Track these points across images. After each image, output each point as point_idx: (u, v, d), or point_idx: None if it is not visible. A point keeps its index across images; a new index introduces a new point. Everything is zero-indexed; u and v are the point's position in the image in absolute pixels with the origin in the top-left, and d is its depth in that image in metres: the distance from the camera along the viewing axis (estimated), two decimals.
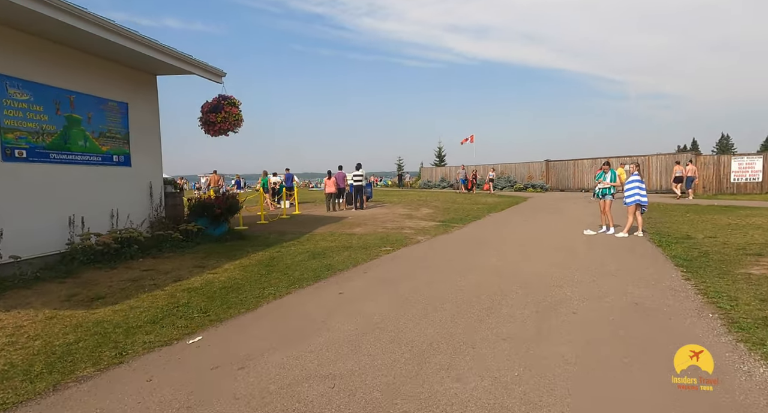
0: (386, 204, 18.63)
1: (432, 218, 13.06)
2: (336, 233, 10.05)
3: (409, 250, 7.92)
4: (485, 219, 12.81)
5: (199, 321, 4.09)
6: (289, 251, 7.80)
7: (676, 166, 18.78)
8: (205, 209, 8.83)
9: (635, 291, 4.80)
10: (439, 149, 50.54)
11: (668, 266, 6.00)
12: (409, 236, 9.52)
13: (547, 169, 28.48)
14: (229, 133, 9.24)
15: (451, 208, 16.29)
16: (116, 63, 7.55)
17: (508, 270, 6.01)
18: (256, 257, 7.22)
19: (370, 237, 9.37)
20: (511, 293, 4.89)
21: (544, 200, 19.75)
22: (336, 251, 7.82)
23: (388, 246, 8.25)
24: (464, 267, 6.27)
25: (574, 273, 5.72)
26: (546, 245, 8.03)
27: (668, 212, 12.75)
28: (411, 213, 14.60)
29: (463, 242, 8.67)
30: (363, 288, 5.28)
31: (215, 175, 18.47)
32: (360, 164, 16.59)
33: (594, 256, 6.86)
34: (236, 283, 5.51)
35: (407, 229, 10.61)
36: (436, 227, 10.86)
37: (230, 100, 8.81)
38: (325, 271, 6.23)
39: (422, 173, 42.98)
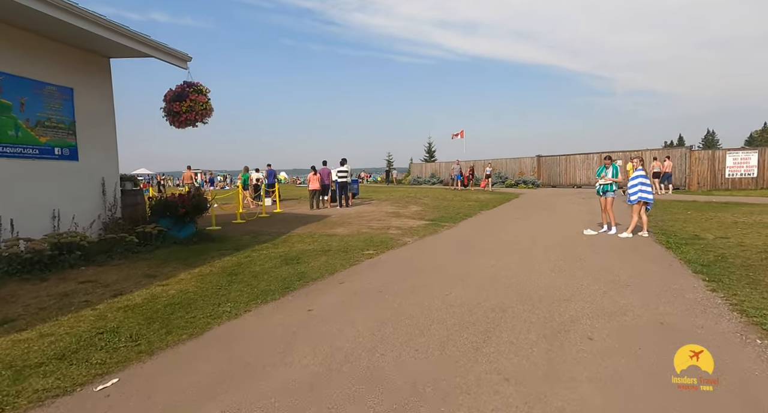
0: (373, 201, 17.82)
1: (420, 216, 12.29)
2: (316, 234, 9.22)
3: (393, 254, 7.13)
4: (477, 217, 12.09)
5: (124, 353, 3.25)
6: (260, 256, 6.95)
7: (654, 162, 18.76)
8: (167, 209, 7.92)
9: (657, 306, 4.07)
10: (429, 145, 49.85)
11: (686, 273, 5.31)
12: (395, 237, 8.73)
13: (539, 164, 27.92)
14: (197, 124, 8.34)
15: (440, 205, 15.54)
16: (58, 42, 6.59)
17: (505, 279, 5.26)
18: (220, 264, 6.37)
19: (352, 239, 8.56)
20: (511, 309, 4.13)
21: (537, 197, 19.13)
22: (313, 255, 7.00)
23: (371, 249, 7.45)
24: (455, 275, 5.50)
25: (580, 282, 4.99)
26: (545, 247, 7.30)
27: (668, 210, 12.17)
28: (399, 211, 13.81)
29: (453, 245, 7.91)
30: (337, 304, 4.47)
31: (189, 171, 17.44)
32: (345, 159, 15.75)
33: (600, 260, 6.14)
34: (187, 298, 4.66)
35: (393, 229, 9.82)
36: (424, 227, 10.09)
37: (196, 88, 7.90)
38: (297, 281, 5.41)
39: (412, 169, 42.23)
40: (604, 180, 8.37)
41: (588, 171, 25.14)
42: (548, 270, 5.63)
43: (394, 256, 6.96)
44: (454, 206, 15.25)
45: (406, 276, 5.55)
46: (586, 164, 25.23)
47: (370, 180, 48.56)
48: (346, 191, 15.73)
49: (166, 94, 7.94)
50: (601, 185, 8.45)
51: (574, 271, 5.54)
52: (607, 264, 5.87)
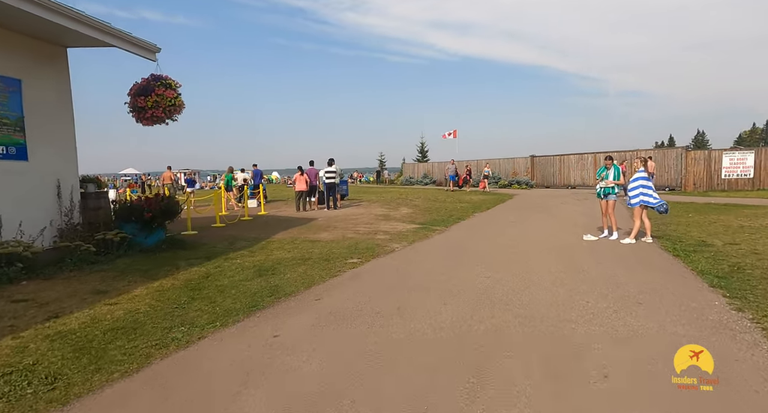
0: (363, 203, 17.22)
1: (411, 219, 11.70)
2: (298, 240, 8.59)
3: (379, 263, 6.53)
4: (470, 220, 11.53)
5: (29, 403, 2.61)
6: (232, 266, 6.31)
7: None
8: (132, 214, 7.24)
9: (677, 330, 3.52)
10: (422, 145, 49.36)
11: (702, 287, 4.77)
12: (383, 243, 8.12)
13: (533, 165, 27.49)
14: (167, 121, 7.67)
15: (432, 207, 14.97)
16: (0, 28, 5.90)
17: (502, 295, 4.68)
18: (185, 276, 5.72)
19: (336, 245, 7.94)
20: (509, 334, 3.55)
21: (531, 198, 18.64)
22: (291, 264, 6.38)
23: (356, 258, 6.84)
24: (446, 290, 4.91)
25: (586, 298, 4.43)
26: (543, 254, 6.75)
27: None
28: (388, 214, 13.22)
29: (445, 252, 7.32)
30: (308, 328, 3.86)
31: (169, 171, 16.67)
32: (333, 159, 15.11)
33: (604, 270, 5.59)
34: (135, 320, 4.02)
35: (381, 234, 9.21)
36: (414, 231, 9.50)
37: (164, 81, 7.23)
38: (267, 297, 4.78)
39: (404, 169, 41.67)
40: (604, 183, 7.83)
41: (582, 172, 24.76)
42: (549, 283, 5.06)
43: (380, 266, 6.36)
44: (447, 208, 14.69)
45: (390, 291, 4.95)
46: (581, 165, 24.84)
47: (363, 180, 47.87)
48: (334, 192, 15.11)
49: (131, 88, 7.27)
50: (601, 188, 7.91)
51: (577, 284, 4.98)
52: (613, 276, 5.31)
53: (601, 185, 7.91)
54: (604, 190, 7.88)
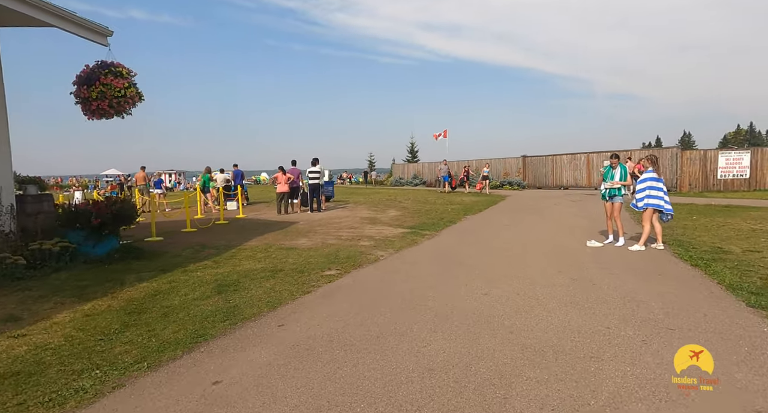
0: (349, 205, 16.38)
1: (399, 223, 10.89)
2: (272, 247, 7.73)
3: (360, 275, 5.71)
4: (462, 224, 10.76)
5: None
6: (190, 280, 5.44)
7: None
8: (78, 220, 6.32)
9: (733, 373, 2.75)
10: (412, 145, 48.70)
11: (738, 306, 4.03)
12: (366, 250, 7.30)
13: (524, 165, 26.92)
14: (123, 115, 6.77)
15: (422, 209, 14.20)
16: None
17: (503, 318, 3.89)
18: (128, 295, 4.83)
19: (314, 253, 7.10)
20: (517, 380, 2.76)
21: (524, 199, 17.99)
22: (258, 278, 5.53)
23: (334, 269, 6.01)
24: (436, 312, 4.11)
25: (606, 323, 3.66)
26: (545, 263, 5.99)
27: None
28: (375, 216, 12.40)
29: (435, 261, 6.53)
30: (261, 369, 3.02)
31: (142, 172, 15.63)
32: (317, 158, 14.25)
33: (619, 285, 4.84)
34: (39, 361, 3.14)
35: (365, 240, 8.39)
36: (402, 237, 8.69)
37: (113, 69, 6.32)
38: (220, 322, 3.94)
39: (394, 169, 40.95)
40: (610, 184, 7.10)
41: (575, 172, 24.24)
42: (557, 302, 4.29)
43: (361, 279, 5.53)
44: (437, 210, 13.93)
45: (370, 313, 4.13)
46: (573, 165, 24.32)
47: (353, 181, 46.96)
48: (318, 193, 14.25)
49: (76, 77, 6.35)
50: (606, 189, 7.19)
51: (591, 304, 4.21)
52: (631, 292, 4.56)
53: (606, 186, 7.19)
54: (610, 191, 7.16)
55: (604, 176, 7.28)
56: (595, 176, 23.11)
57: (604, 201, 7.37)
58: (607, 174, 7.24)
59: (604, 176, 7.30)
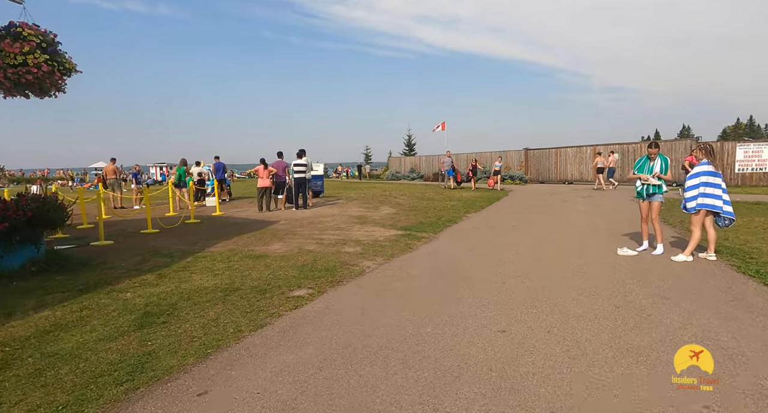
0: (340, 201, 15.06)
1: (392, 222, 9.59)
2: (238, 255, 6.42)
3: (337, 298, 4.41)
4: (463, 224, 9.47)
5: None
6: (111, 306, 4.13)
7: (598, 157, 18.21)
8: None
9: None
10: (409, 138, 47.25)
11: None
12: (350, 260, 6.01)
13: (526, 158, 25.60)
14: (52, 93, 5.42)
15: (419, 206, 12.89)
16: None
17: (537, 382, 2.61)
18: (8, 332, 3.51)
19: (286, 264, 5.80)
20: None
21: (529, 195, 16.70)
22: (203, 302, 4.23)
23: (305, 287, 4.72)
24: (434, 362, 2.83)
25: (694, 399, 2.38)
26: (573, 281, 4.72)
27: None
28: (366, 215, 11.09)
29: (433, 276, 5.23)
30: None
31: (112, 164, 14.23)
32: (303, 150, 12.87)
33: (683, 319, 3.55)
34: None
35: (352, 245, 7.08)
36: (395, 240, 7.40)
37: (21, 32, 4.92)
38: (115, 386, 2.65)
39: (390, 163, 39.61)
40: (651, 180, 5.77)
41: (580, 166, 22.96)
42: (609, 349, 3.00)
43: (338, 303, 4.23)
44: (435, 207, 12.63)
45: (341, 368, 2.83)
46: (579, 158, 23.02)
47: (349, 175, 45.47)
48: (304, 189, 12.90)
49: None
50: (644, 185, 5.88)
51: (658, 352, 2.92)
52: (706, 330, 3.29)
53: (643, 182, 5.89)
54: (648, 188, 5.86)
55: (638, 168, 5.97)
56: None
57: (638, 200, 6.08)
58: (643, 166, 5.93)
59: (637, 169, 5.99)
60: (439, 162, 22.46)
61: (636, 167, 6.02)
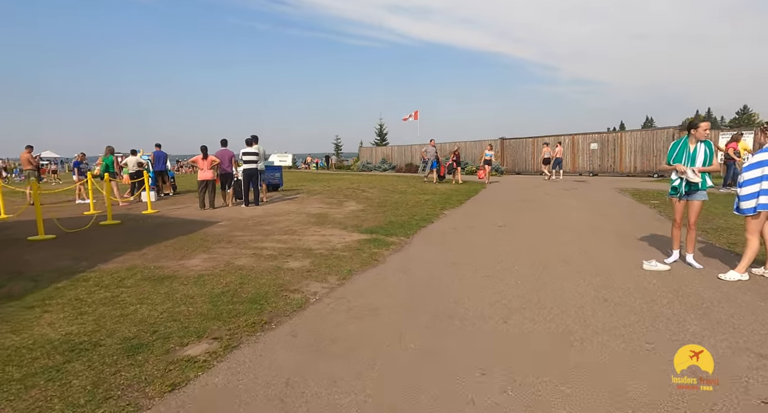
0: (301, 195, 13.29)
1: (357, 222, 7.98)
2: (136, 276, 4.65)
3: (249, 362, 2.76)
4: (439, 224, 7.96)
5: None
6: None
7: (545, 147, 18.48)
8: None
9: None
10: (380, 127, 45.45)
11: None
12: (291, 282, 4.36)
13: (503, 148, 24.45)
14: None
15: (389, 201, 11.32)
16: None
17: None
18: None
19: (197, 291, 4.09)
20: None
21: (508, 188, 15.44)
22: (19, 378, 2.50)
23: (210, 336, 3.06)
24: None
25: None
26: (601, 319, 3.27)
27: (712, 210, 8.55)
28: (328, 212, 9.43)
29: (404, 306, 3.67)
30: None
31: (27, 152, 11.87)
32: (255, 136, 11.01)
33: None
34: None
35: (299, 257, 5.42)
36: (357, 248, 5.80)
37: None
38: None
39: (361, 153, 37.83)
40: (690, 175, 4.36)
41: None
42: None
43: (248, 374, 2.59)
44: (407, 202, 11.08)
45: None
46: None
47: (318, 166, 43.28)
48: (256, 182, 11.06)
49: None
50: (683, 179, 4.49)
51: None
52: None
53: (680, 175, 4.50)
54: (686, 183, 4.47)
55: (675, 157, 4.57)
56: (580, 160, 20.94)
57: (672, 198, 4.69)
58: (681, 154, 4.54)
59: (674, 158, 4.59)
60: (421, 151, 19.07)
61: (671, 154, 4.62)
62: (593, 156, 20.34)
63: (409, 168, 29.57)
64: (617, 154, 19.41)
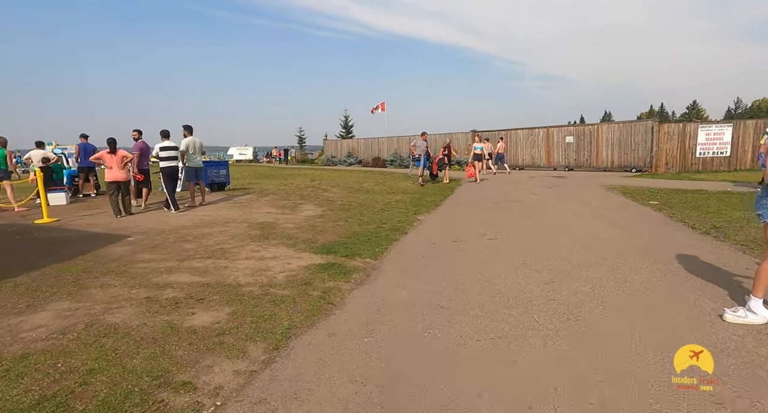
0: (250, 195, 11.34)
1: (312, 235, 6.23)
2: None
3: None
4: (414, 235, 6.34)
5: None
6: None
7: (486, 143, 17.69)
8: None
9: None
10: (346, 119, 43.46)
11: None
12: (182, 362, 2.58)
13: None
14: None
15: (353, 203, 9.62)
16: None
17: None
18: None
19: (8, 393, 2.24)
20: None
21: (487, 185, 14.07)
22: None
23: None
24: None
25: None
26: None
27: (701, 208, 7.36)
28: (277, 220, 7.61)
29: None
30: None
31: None
32: (167, 131, 8.98)
33: None
34: None
35: (215, 301, 3.62)
36: (304, 283, 4.07)
37: None
38: None
39: (325, 146, 35.79)
40: None
41: (532, 150, 20.98)
42: None
43: None
44: (375, 204, 9.42)
45: None
46: (531, 141, 21.01)
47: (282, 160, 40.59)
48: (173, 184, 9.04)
49: None
50: None
51: None
52: None
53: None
54: None
55: None
56: (555, 154, 19.95)
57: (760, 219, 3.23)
58: None
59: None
60: (410, 145, 15.91)
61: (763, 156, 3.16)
62: (569, 150, 19.41)
63: (376, 162, 27.90)
64: (594, 147, 18.53)
